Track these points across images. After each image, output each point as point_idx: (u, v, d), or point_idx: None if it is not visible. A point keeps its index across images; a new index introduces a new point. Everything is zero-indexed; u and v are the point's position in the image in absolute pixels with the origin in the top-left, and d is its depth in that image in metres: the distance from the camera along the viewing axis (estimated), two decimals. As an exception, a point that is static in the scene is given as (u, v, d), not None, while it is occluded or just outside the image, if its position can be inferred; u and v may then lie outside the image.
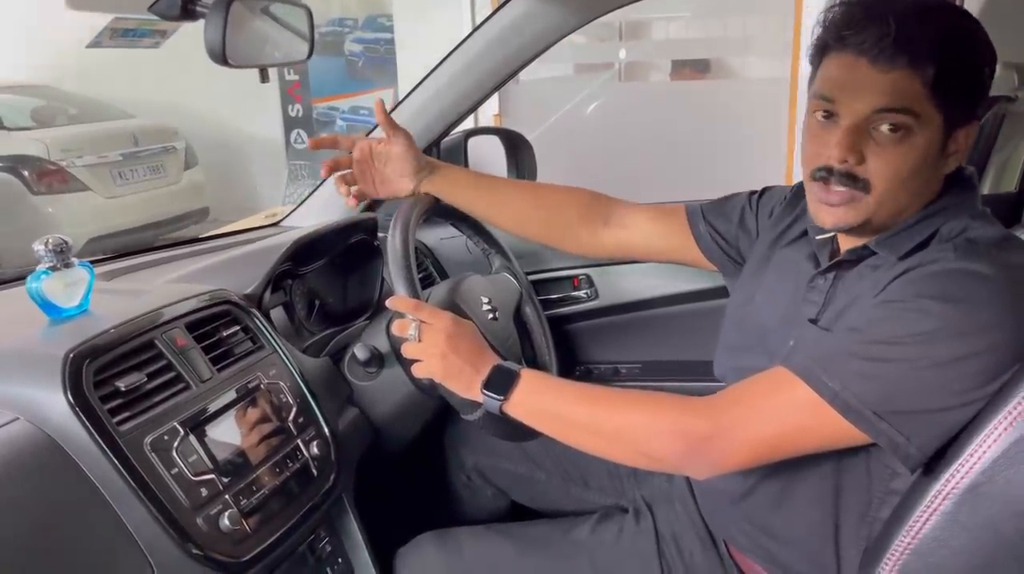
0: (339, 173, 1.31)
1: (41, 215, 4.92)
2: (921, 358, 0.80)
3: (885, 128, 0.85)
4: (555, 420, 1.00)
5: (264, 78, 1.00)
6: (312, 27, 1.05)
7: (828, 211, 0.91)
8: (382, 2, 5.60)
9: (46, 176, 4.97)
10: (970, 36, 0.87)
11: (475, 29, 1.50)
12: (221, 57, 0.88)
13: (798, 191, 1.15)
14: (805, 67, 0.97)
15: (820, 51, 0.91)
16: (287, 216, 1.72)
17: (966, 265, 0.83)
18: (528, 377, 1.01)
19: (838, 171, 0.88)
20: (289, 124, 6.18)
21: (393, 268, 1.11)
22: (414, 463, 1.51)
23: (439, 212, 1.31)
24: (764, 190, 1.23)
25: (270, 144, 6.21)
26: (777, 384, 0.88)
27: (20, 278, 1.27)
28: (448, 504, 1.54)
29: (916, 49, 0.83)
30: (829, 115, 0.90)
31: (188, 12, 0.89)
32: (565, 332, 1.69)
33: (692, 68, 4.62)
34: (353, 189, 1.30)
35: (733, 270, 1.24)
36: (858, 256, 0.95)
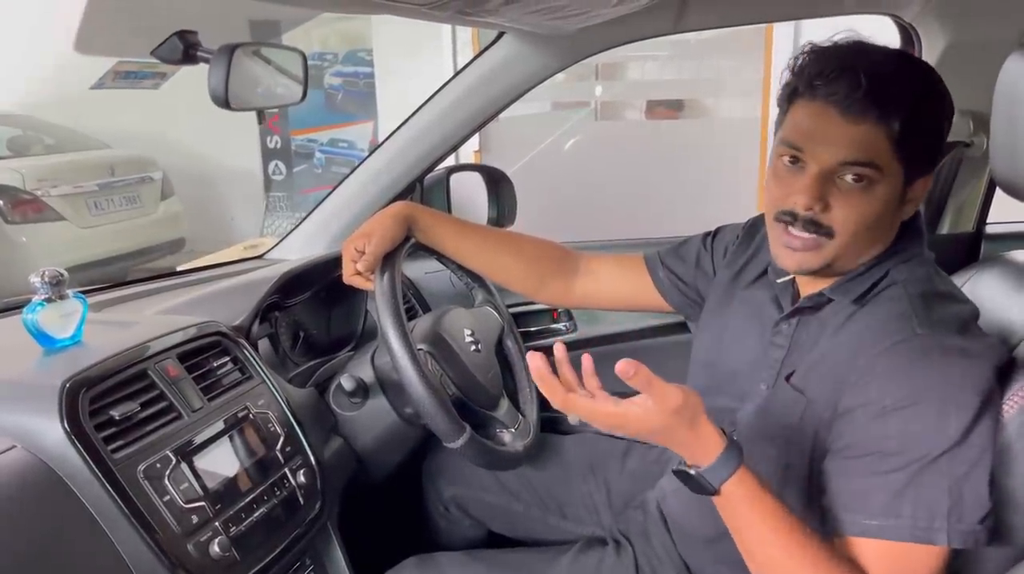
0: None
1: (15, 245, 4.89)
2: (977, 450, 0.82)
3: (849, 178, 0.89)
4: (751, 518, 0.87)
5: (261, 119, 1.05)
6: (306, 70, 1.10)
7: (790, 255, 0.94)
8: (363, 37, 5.68)
9: (21, 206, 4.95)
10: (935, 93, 0.91)
11: (461, 70, 1.55)
12: (224, 101, 0.93)
13: (750, 229, 1.19)
14: (775, 107, 1.00)
15: (789, 96, 0.94)
16: (271, 249, 1.75)
17: (941, 341, 0.86)
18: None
19: (803, 217, 0.91)
20: (267, 156, 6.20)
21: (380, 304, 1.15)
22: (393, 493, 1.54)
23: (424, 247, 1.35)
24: (717, 230, 1.27)
25: (248, 175, 6.22)
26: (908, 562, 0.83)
27: (6, 309, 1.30)
28: (426, 534, 1.56)
29: (885, 105, 0.86)
30: (795, 160, 0.92)
31: (189, 57, 0.94)
32: (544, 364, 1.72)
33: (666, 107, 4.73)
34: (360, 267, 1.24)
35: (694, 312, 1.28)
36: (816, 302, 0.99)
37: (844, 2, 1.35)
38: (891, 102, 0.86)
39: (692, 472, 0.85)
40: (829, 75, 0.88)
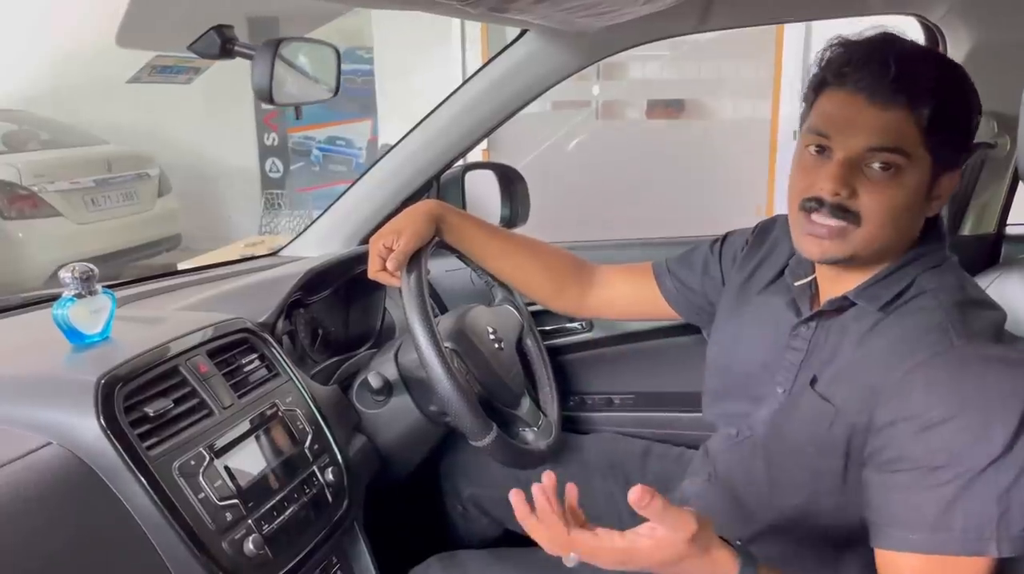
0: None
1: (12, 241, 4.86)
2: (1022, 457, 0.81)
3: (877, 166, 0.87)
4: None
5: (298, 114, 1.04)
6: (339, 67, 1.10)
7: (815, 242, 0.92)
8: (361, 34, 5.66)
9: (17, 201, 4.92)
10: (963, 86, 0.91)
11: (482, 67, 1.55)
12: (268, 96, 0.92)
13: (760, 232, 1.18)
14: (785, 109, 1.00)
15: (817, 88, 0.93)
16: (286, 246, 1.74)
17: (980, 351, 0.86)
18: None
19: (829, 203, 0.89)
20: (264, 153, 6.19)
21: (408, 302, 1.14)
22: (413, 491, 1.53)
23: (445, 245, 1.35)
24: (725, 236, 1.25)
25: (245, 172, 6.20)
26: None
27: (25, 305, 1.29)
28: (443, 532, 1.56)
29: (914, 90, 0.85)
30: (822, 149, 0.91)
31: (226, 51, 0.93)
32: (560, 363, 1.72)
33: (667, 108, 4.73)
34: (389, 265, 1.21)
35: (705, 320, 1.27)
36: (838, 307, 0.97)
37: (870, 2, 1.35)
38: (920, 89, 0.85)
39: None
40: (858, 63, 0.88)
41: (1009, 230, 1.48)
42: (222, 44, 0.92)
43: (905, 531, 0.84)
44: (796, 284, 1.05)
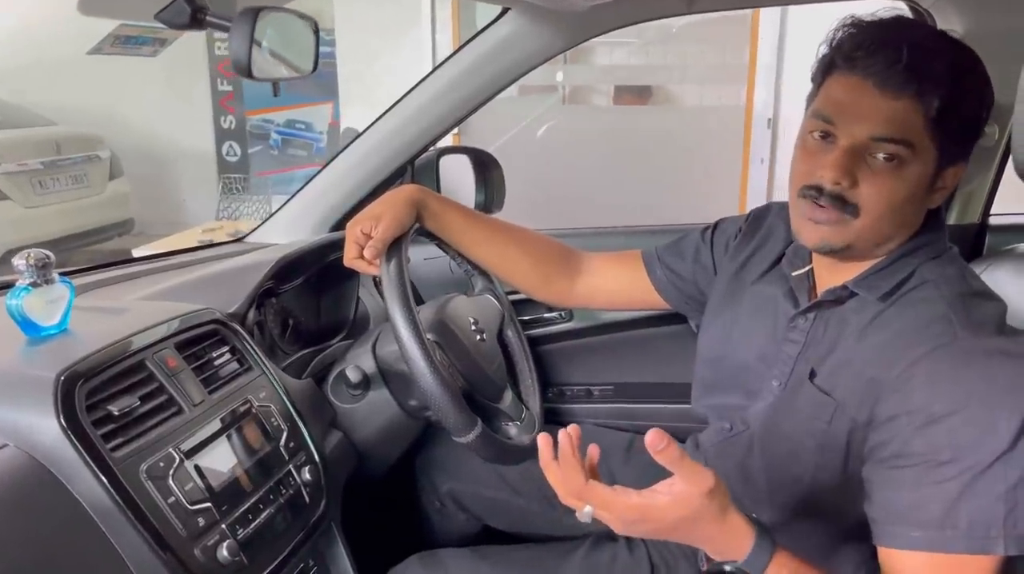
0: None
1: (-45, 224, 4.66)
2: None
3: (881, 156, 0.85)
4: None
5: (276, 92, 0.98)
6: (318, 41, 1.03)
7: (813, 228, 0.90)
8: (322, 15, 5.53)
9: (-40, 183, 4.72)
10: (976, 77, 0.88)
11: (459, 48, 1.49)
12: (247, 70, 0.86)
13: (754, 220, 1.16)
14: (761, 95, 0.96)
15: (825, 69, 0.90)
16: (252, 232, 1.67)
17: (983, 343, 0.83)
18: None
19: (829, 192, 0.87)
20: (221, 136, 6.03)
21: (388, 292, 1.08)
22: (387, 488, 1.48)
23: (424, 232, 1.29)
24: (717, 224, 1.23)
25: (200, 156, 6.04)
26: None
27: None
28: (421, 529, 1.51)
29: (925, 80, 0.82)
30: (826, 135, 0.88)
31: (196, 21, 0.86)
32: (538, 353, 1.68)
33: (633, 94, 4.70)
34: (367, 253, 1.14)
35: (695, 310, 1.24)
36: (838, 297, 0.95)
37: (861, -14, 1.32)
38: (931, 78, 0.83)
39: (728, 568, 0.80)
40: (869, 48, 0.85)
41: (992, 220, 1.48)
42: (192, 13, 0.85)
43: (908, 528, 0.82)
44: (794, 274, 1.02)
